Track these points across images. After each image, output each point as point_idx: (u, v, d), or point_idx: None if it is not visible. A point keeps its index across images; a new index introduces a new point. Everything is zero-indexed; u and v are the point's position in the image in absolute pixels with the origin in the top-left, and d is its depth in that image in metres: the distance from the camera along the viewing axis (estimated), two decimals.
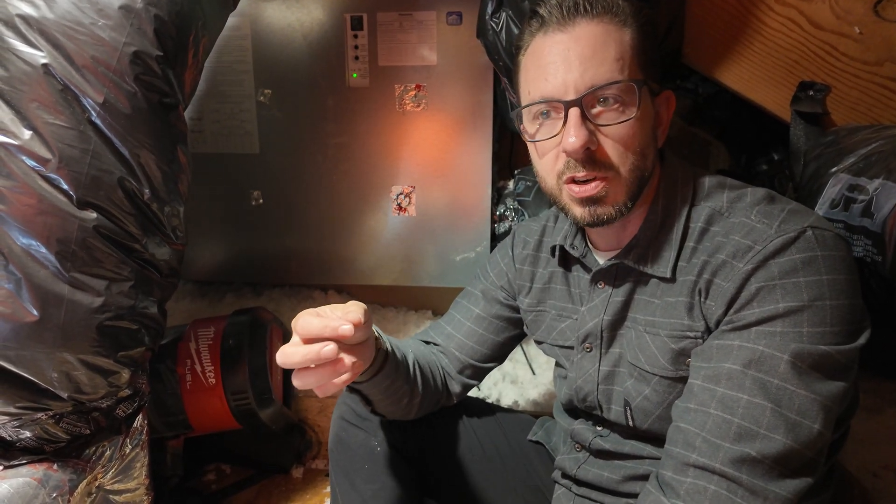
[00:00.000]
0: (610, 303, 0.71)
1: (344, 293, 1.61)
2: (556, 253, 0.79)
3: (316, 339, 0.56)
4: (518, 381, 1.39)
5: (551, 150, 0.65)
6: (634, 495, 0.73)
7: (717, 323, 0.60)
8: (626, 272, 0.70)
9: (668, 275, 0.65)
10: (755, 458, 0.53)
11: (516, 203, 1.42)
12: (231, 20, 1.18)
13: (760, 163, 1.34)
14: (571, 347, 0.77)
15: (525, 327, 0.87)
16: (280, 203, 1.46)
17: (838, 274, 0.56)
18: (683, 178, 0.68)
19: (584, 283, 0.75)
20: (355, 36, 1.32)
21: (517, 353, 1.46)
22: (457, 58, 1.31)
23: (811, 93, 0.98)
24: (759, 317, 0.56)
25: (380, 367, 0.71)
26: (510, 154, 1.55)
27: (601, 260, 0.73)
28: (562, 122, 0.62)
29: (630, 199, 0.64)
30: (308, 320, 0.56)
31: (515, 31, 1.05)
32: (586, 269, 0.75)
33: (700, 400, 0.58)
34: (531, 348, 1.47)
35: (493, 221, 1.43)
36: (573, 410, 0.82)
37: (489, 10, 1.08)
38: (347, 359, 0.57)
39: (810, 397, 0.54)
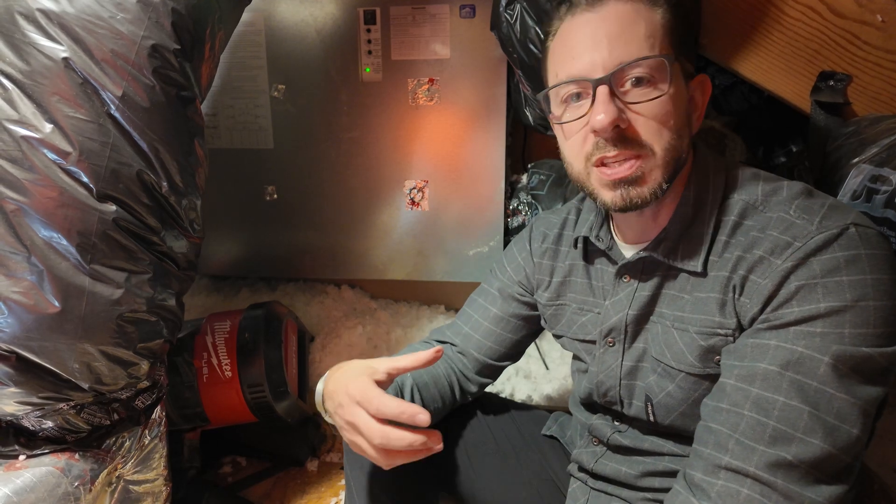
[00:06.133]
0: (636, 297, 0.69)
1: (357, 288, 1.62)
2: (580, 245, 0.78)
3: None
4: (531, 376, 1.39)
5: (578, 131, 0.63)
6: (652, 490, 0.72)
7: (752, 321, 0.58)
8: (654, 266, 0.68)
9: (700, 269, 0.63)
10: (791, 462, 0.52)
11: (530, 197, 1.42)
12: (244, 15, 1.18)
13: (779, 155, 1.32)
14: (593, 342, 0.76)
15: (543, 321, 0.86)
16: (294, 198, 1.47)
17: (882, 273, 0.53)
18: (715, 169, 0.66)
19: (608, 277, 0.74)
20: (368, 30, 1.32)
21: (530, 348, 1.45)
22: (470, 51, 1.31)
23: (832, 82, 0.96)
24: (799, 316, 0.54)
25: None
26: (523, 148, 1.54)
27: (628, 253, 0.71)
28: (590, 102, 0.61)
29: (666, 181, 0.62)
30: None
31: (530, 22, 1.04)
32: (611, 261, 0.73)
33: (733, 400, 0.56)
34: (544, 343, 1.47)
35: (506, 216, 1.43)
36: (591, 405, 0.81)
37: (503, 1, 1.08)
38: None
39: (850, 401, 0.52)
